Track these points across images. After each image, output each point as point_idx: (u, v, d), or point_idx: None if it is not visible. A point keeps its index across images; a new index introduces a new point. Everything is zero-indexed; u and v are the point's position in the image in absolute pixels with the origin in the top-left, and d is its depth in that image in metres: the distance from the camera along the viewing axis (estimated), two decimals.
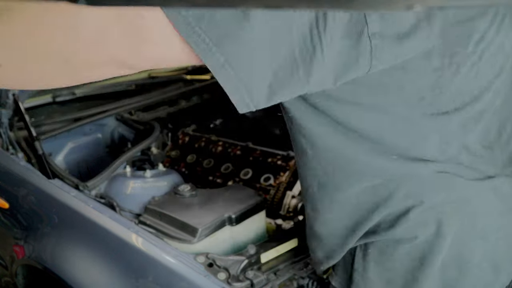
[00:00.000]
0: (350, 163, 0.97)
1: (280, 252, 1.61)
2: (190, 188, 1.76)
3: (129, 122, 2.31)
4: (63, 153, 2.26)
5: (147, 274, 1.48)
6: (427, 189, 0.97)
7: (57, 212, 1.74)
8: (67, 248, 1.65)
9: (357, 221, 1.02)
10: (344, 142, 0.94)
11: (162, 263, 1.47)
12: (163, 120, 2.43)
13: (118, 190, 1.86)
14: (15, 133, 1.98)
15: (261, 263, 1.55)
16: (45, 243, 1.74)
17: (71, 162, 2.28)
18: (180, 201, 1.72)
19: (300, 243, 1.66)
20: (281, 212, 1.87)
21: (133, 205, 1.80)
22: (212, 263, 1.48)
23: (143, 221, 1.68)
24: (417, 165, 0.95)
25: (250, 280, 1.46)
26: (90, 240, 1.64)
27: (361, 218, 1.01)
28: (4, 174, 1.92)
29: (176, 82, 2.59)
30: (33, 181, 1.82)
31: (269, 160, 2.04)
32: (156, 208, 1.69)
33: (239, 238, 1.67)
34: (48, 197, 1.77)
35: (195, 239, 1.57)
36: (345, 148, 0.95)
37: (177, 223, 1.62)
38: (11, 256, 1.91)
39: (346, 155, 0.96)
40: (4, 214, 1.91)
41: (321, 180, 1.02)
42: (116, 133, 2.36)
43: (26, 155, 1.94)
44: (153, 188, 1.85)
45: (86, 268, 1.61)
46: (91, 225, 1.63)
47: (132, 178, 1.90)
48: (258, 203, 1.71)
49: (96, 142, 2.35)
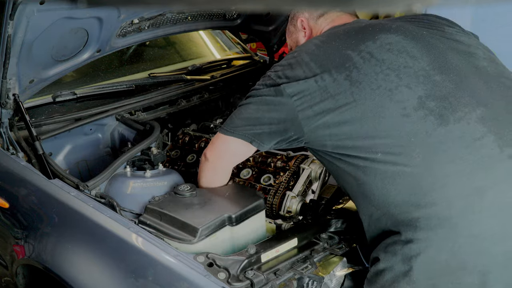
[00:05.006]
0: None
1: (280, 252, 1.61)
2: (190, 188, 1.77)
3: (129, 122, 2.31)
4: (63, 153, 2.26)
5: (147, 274, 1.48)
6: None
7: (57, 212, 1.74)
8: (67, 248, 1.65)
9: None
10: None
11: (162, 263, 1.47)
12: (163, 120, 2.43)
13: (118, 190, 1.87)
14: (15, 133, 1.98)
15: (261, 263, 1.55)
16: (45, 243, 1.74)
17: (71, 162, 2.28)
18: (180, 201, 1.72)
19: (299, 243, 1.66)
20: (281, 212, 1.87)
21: (133, 205, 1.80)
22: (212, 263, 1.48)
23: (143, 221, 1.68)
24: None
25: (250, 280, 1.46)
26: (90, 240, 1.64)
27: None
28: (5, 174, 1.92)
29: (176, 82, 2.59)
30: (34, 181, 1.82)
31: (269, 160, 2.05)
32: (156, 208, 1.69)
33: (239, 238, 1.68)
34: (48, 197, 1.77)
35: (195, 239, 1.57)
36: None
37: (177, 223, 1.62)
38: (12, 256, 1.91)
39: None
40: (4, 214, 1.92)
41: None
42: (116, 133, 2.36)
43: (27, 155, 1.94)
44: (153, 188, 1.85)
45: (86, 267, 1.61)
46: (91, 225, 1.63)
47: (132, 178, 1.90)
48: (258, 203, 1.71)
49: (96, 142, 2.35)
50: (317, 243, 1.69)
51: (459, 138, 1.39)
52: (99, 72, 2.57)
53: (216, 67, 2.80)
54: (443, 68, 1.51)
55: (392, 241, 1.41)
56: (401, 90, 1.46)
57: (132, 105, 2.35)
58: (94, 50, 2.08)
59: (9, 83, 1.86)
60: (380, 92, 1.46)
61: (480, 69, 1.55)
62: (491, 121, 1.42)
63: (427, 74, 1.48)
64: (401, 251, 1.39)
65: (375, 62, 1.50)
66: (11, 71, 1.82)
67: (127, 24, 2.12)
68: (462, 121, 1.41)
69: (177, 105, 2.51)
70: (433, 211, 1.36)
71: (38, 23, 1.74)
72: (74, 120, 2.19)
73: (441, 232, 1.35)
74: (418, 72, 1.48)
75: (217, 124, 2.37)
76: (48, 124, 2.13)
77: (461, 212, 1.35)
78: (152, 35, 2.29)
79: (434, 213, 1.36)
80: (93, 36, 2.01)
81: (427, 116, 1.41)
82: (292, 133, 1.56)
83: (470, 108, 1.43)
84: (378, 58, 1.51)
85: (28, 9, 1.65)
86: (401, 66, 1.49)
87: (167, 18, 2.26)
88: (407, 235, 1.38)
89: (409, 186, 1.39)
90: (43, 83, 2.04)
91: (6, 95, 1.88)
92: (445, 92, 1.45)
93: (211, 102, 2.65)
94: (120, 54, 2.71)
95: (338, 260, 1.66)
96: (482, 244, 1.35)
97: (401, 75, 1.48)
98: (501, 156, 1.38)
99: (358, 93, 1.47)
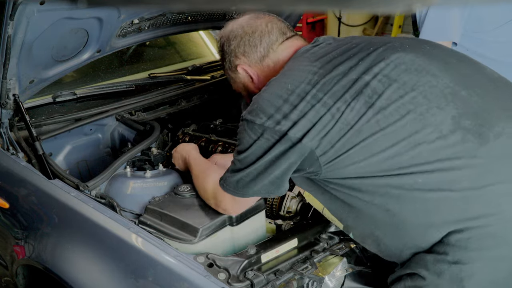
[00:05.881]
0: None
1: (280, 252, 1.61)
2: (190, 188, 1.77)
3: (129, 122, 2.31)
4: (63, 153, 2.26)
5: (147, 274, 1.48)
6: None
7: (58, 212, 1.74)
8: (68, 248, 1.65)
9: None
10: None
11: (162, 263, 1.47)
12: (163, 120, 2.43)
13: (118, 190, 1.86)
14: (15, 133, 1.98)
15: (261, 263, 1.55)
16: (45, 243, 1.74)
17: (72, 162, 2.28)
18: (180, 201, 1.72)
19: (300, 243, 1.66)
20: (281, 212, 1.87)
21: (133, 205, 1.80)
22: (212, 263, 1.48)
23: (143, 221, 1.68)
24: None
25: (250, 280, 1.46)
26: (90, 240, 1.64)
27: None
28: (5, 174, 1.92)
29: (176, 82, 2.59)
30: (34, 181, 1.82)
31: None
32: (156, 208, 1.69)
33: (239, 238, 1.68)
34: (48, 197, 1.77)
35: (196, 239, 1.57)
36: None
37: (178, 223, 1.62)
38: (12, 256, 1.91)
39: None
40: (4, 214, 1.92)
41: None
42: (116, 133, 2.36)
43: (27, 155, 1.94)
44: (153, 188, 1.85)
45: (87, 268, 1.61)
46: (92, 225, 1.63)
47: (133, 178, 1.90)
48: (258, 204, 1.71)
49: (96, 142, 2.35)
50: (317, 244, 1.69)
51: (503, 155, 1.33)
52: (99, 72, 2.57)
53: (216, 67, 2.80)
54: (466, 83, 1.42)
55: (435, 259, 1.34)
56: (434, 113, 1.34)
57: (132, 105, 2.35)
58: (94, 50, 2.08)
59: (9, 84, 1.86)
60: (411, 117, 1.34)
61: (489, 76, 1.50)
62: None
63: (453, 91, 1.38)
64: (449, 271, 1.32)
65: (397, 85, 1.38)
66: (11, 71, 1.82)
67: (127, 24, 2.12)
68: (501, 137, 1.34)
69: (177, 105, 2.51)
70: (486, 232, 1.30)
71: (38, 24, 1.74)
72: (74, 120, 2.19)
73: (497, 252, 1.31)
74: (444, 91, 1.38)
75: (217, 124, 2.37)
76: (48, 124, 2.13)
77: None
78: (152, 35, 2.29)
79: (488, 233, 1.30)
80: (93, 36, 2.01)
81: (465, 136, 1.33)
82: (307, 168, 1.43)
83: (504, 122, 1.36)
84: (398, 80, 1.39)
85: (28, 9, 1.65)
86: (426, 86, 1.38)
87: (167, 19, 2.26)
88: (456, 256, 1.31)
89: (457, 211, 1.32)
90: (43, 83, 2.04)
91: (6, 95, 1.88)
92: (476, 108, 1.37)
93: (211, 102, 2.64)
94: (120, 54, 2.71)
95: (338, 261, 1.65)
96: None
97: (428, 96, 1.37)
98: None
99: (385, 120, 1.34)
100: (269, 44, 1.66)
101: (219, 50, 1.79)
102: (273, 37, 1.67)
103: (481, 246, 1.30)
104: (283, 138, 1.39)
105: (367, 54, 1.46)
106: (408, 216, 1.36)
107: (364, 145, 1.35)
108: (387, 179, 1.35)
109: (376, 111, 1.36)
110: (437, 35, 2.14)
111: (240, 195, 1.52)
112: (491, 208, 1.31)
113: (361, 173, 1.37)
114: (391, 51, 1.46)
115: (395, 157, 1.34)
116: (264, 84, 1.54)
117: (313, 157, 1.39)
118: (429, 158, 1.32)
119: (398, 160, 1.33)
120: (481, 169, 1.32)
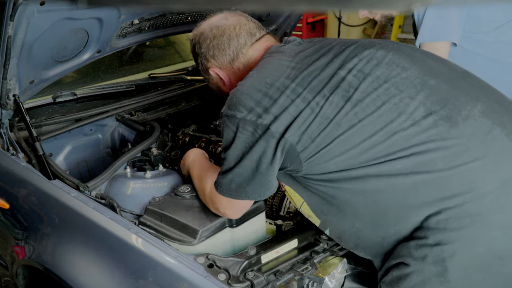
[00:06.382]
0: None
1: (280, 253, 1.61)
2: (191, 189, 1.77)
3: (129, 123, 2.31)
4: (63, 153, 2.26)
5: (147, 275, 1.49)
6: None
7: (58, 213, 1.74)
8: (68, 248, 1.65)
9: None
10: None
11: (162, 264, 1.47)
12: (163, 120, 2.43)
13: (118, 190, 1.87)
14: (15, 133, 1.99)
15: (261, 264, 1.55)
16: (45, 243, 1.74)
17: (72, 163, 2.28)
18: (180, 202, 1.72)
19: (300, 244, 1.66)
20: (281, 213, 1.87)
21: (133, 206, 1.80)
22: (212, 264, 1.48)
23: (143, 222, 1.68)
24: None
25: (250, 281, 1.46)
26: (90, 240, 1.64)
27: None
28: (5, 175, 1.92)
29: (176, 82, 2.59)
30: (34, 181, 1.82)
31: None
32: (156, 209, 1.69)
33: (239, 239, 1.68)
34: (48, 198, 1.77)
35: (196, 241, 1.57)
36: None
37: (178, 224, 1.62)
38: (12, 257, 1.91)
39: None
40: (4, 215, 1.92)
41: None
42: (116, 133, 2.36)
43: (27, 156, 1.94)
44: (153, 188, 1.85)
45: (87, 268, 1.61)
46: (92, 225, 1.64)
47: (133, 179, 1.90)
48: (258, 205, 1.71)
49: (96, 143, 2.35)
50: (317, 244, 1.69)
51: (472, 136, 1.40)
52: (99, 72, 2.57)
53: None
54: (432, 73, 1.50)
55: (417, 245, 1.39)
56: (406, 102, 1.42)
57: (132, 105, 2.35)
58: (94, 50, 2.08)
59: (9, 84, 1.86)
60: (386, 107, 1.41)
61: (454, 68, 1.57)
62: (491, 113, 1.44)
63: (422, 81, 1.47)
64: (432, 254, 1.36)
65: (371, 79, 1.45)
66: (12, 72, 1.82)
67: (127, 24, 2.12)
68: (469, 119, 1.41)
69: (177, 106, 2.51)
70: (463, 210, 1.35)
71: (38, 24, 1.74)
72: (74, 120, 2.19)
73: (475, 229, 1.35)
74: (414, 81, 1.46)
75: (217, 125, 2.37)
76: (48, 124, 2.13)
77: (491, 206, 1.36)
78: (152, 35, 2.29)
79: (465, 212, 1.35)
80: (93, 36, 2.02)
81: (436, 121, 1.40)
82: (288, 165, 1.47)
83: (470, 105, 1.44)
84: (372, 74, 1.46)
85: (28, 10, 1.65)
86: (397, 78, 1.46)
87: (167, 19, 2.26)
88: (436, 238, 1.36)
89: (434, 191, 1.37)
90: (43, 83, 2.04)
91: (6, 95, 1.88)
92: (444, 95, 1.45)
93: (211, 102, 2.65)
94: (120, 55, 2.71)
95: (338, 261, 1.66)
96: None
97: (400, 87, 1.45)
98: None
99: (362, 112, 1.40)
100: (237, 48, 1.67)
101: (191, 51, 1.81)
102: (241, 40, 1.67)
103: (459, 226, 1.35)
104: (265, 133, 1.41)
105: (340, 52, 1.53)
106: (388, 202, 1.41)
107: (343, 138, 1.40)
108: (366, 169, 1.40)
109: (353, 104, 1.41)
110: (435, 36, 2.13)
111: (235, 197, 1.53)
112: (465, 186, 1.36)
113: (341, 167, 1.42)
114: (362, 48, 1.54)
115: (373, 147, 1.39)
116: (235, 85, 1.55)
117: (294, 154, 1.42)
118: (405, 144, 1.39)
119: (376, 150, 1.39)
120: (454, 149, 1.38)
